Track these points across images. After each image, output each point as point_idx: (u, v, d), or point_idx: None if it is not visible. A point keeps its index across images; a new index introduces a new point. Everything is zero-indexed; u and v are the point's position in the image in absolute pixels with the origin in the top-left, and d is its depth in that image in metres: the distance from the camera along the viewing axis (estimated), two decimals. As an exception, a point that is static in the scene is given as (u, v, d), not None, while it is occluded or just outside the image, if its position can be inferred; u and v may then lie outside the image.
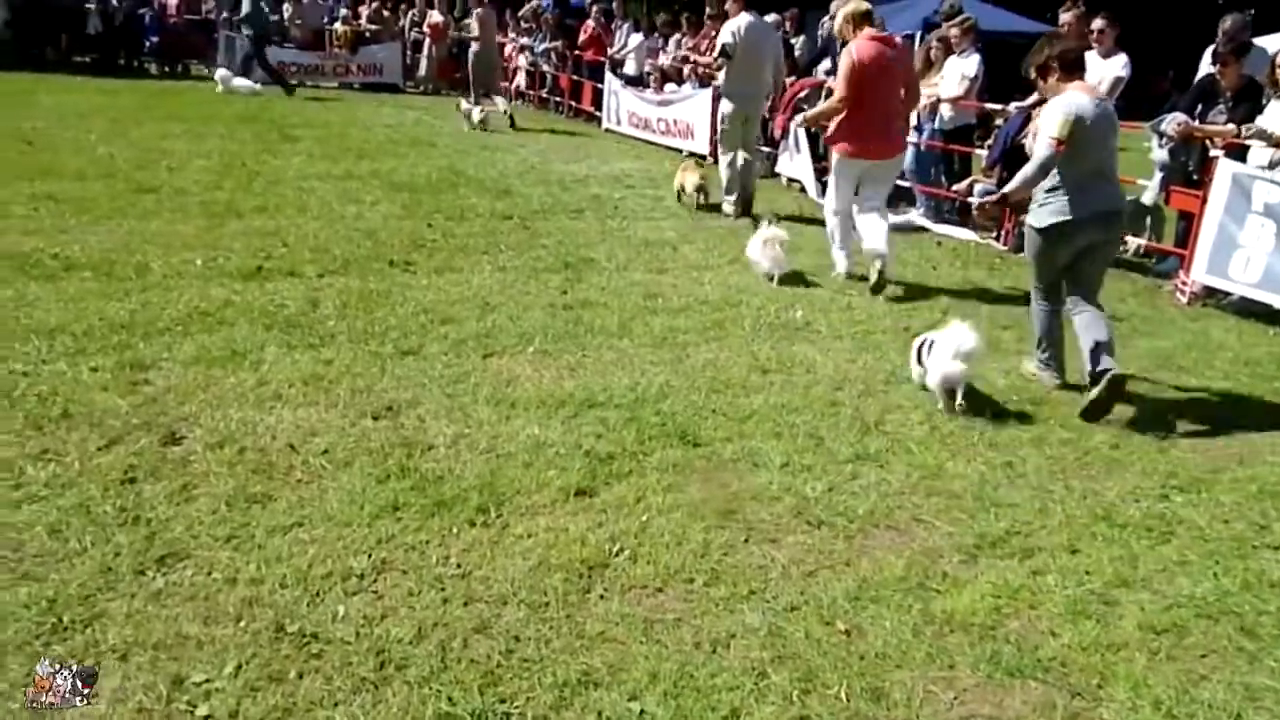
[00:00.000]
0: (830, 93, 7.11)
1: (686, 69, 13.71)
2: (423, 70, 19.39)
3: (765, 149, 11.58)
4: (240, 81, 15.42)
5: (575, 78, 17.08)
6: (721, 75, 8.80)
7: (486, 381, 4.37)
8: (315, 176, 8.93)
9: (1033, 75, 4.70)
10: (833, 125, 6.44)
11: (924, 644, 2.70)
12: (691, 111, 12.57)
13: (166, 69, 18.33)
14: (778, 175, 11.08)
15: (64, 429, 3.61)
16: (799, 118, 7.72)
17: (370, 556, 2.94)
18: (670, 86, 13.96)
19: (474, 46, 14.61)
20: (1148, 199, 7.84)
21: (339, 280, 5.76)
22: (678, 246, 7.34)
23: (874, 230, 6.35)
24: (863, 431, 4.10)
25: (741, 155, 8.72)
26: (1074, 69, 4.61)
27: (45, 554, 2.84)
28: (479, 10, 14.58)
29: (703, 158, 11.56)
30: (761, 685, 2.49)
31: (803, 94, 9.62)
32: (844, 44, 6.45)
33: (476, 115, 13.53)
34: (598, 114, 15.57)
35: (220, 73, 15.69)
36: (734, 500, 3.44)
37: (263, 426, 3.76)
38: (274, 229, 6.87)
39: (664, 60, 14.74)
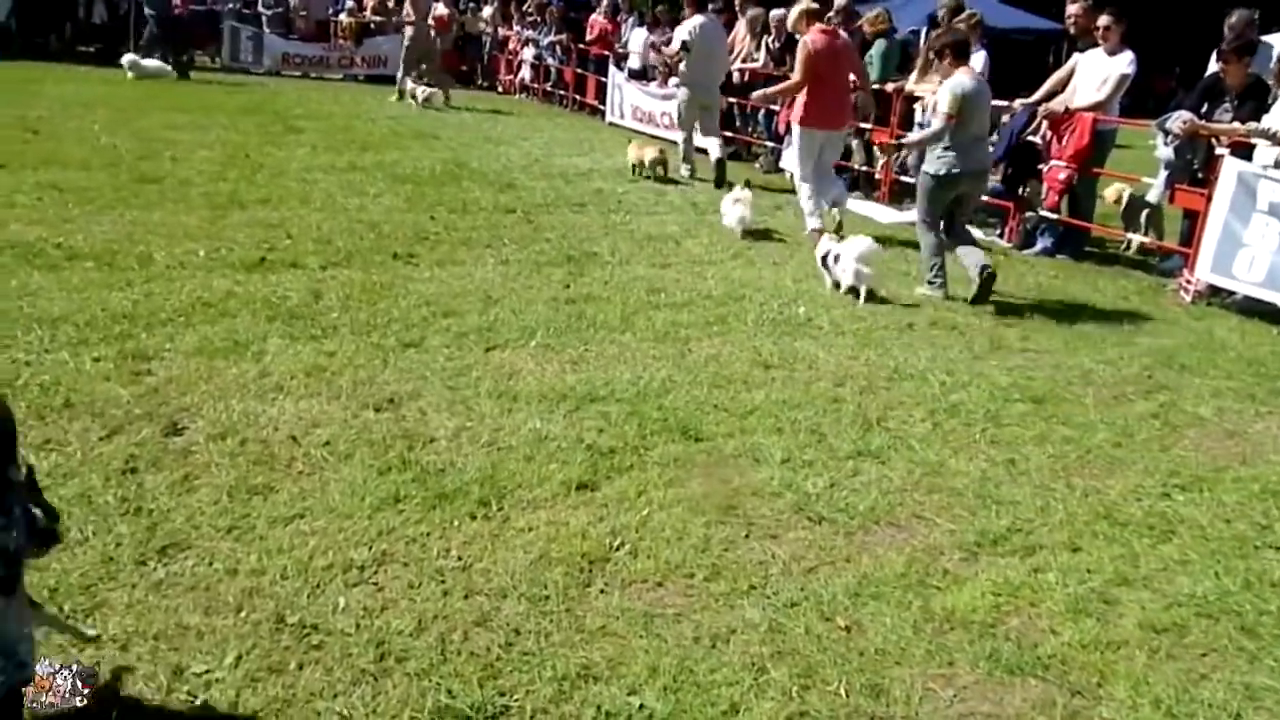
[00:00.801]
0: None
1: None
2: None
3: (770, 144, 11.63)
4: (150, 63, 15.26)
5: (580, 71, 17.06)
6: (681, 67, 10.18)
7: (488, 375, 4.37)
8: (319, 168, 8.93)
9: (932, 57, 6.16)
10: (799, 107, 7.66)
11: (924, 641, 2.70)
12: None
13: (170, 59, 18.25)
14: (782, 170, 11.08)
15: (66, 418, 3.62)
16: (758, 94, 8.94)
17: (371, 548, 2.95)
18: (674, 81, 13.88)
19: (408, 30, 15.53)
20: (1152, 197, 7.82)
21: (342, 272, 5.76)
22: (680, 241, 7.33)
23: (830, 184, 7.91)
24: (864, 428, 4.10)
25: (694, 134, 10.42)
26: (963, 55, 6.16)
27: (47, 543, 2.84)
28: None
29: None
30: (761, 681, 2.49)
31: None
32: (797, 35, 7.87)
33: (421, 95, 14.70)
34: (601, 108, 15.54)
35: (126, 58, 15.27)
36: (735, 496, 3.43)
37: (265, 418, 3.76)
38: (277, 220, 6.87)
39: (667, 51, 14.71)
